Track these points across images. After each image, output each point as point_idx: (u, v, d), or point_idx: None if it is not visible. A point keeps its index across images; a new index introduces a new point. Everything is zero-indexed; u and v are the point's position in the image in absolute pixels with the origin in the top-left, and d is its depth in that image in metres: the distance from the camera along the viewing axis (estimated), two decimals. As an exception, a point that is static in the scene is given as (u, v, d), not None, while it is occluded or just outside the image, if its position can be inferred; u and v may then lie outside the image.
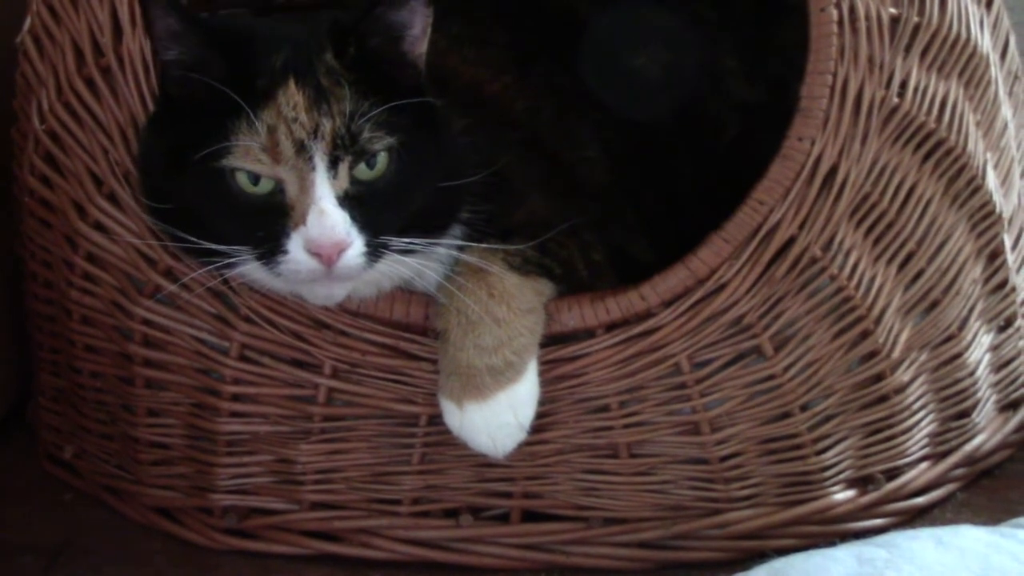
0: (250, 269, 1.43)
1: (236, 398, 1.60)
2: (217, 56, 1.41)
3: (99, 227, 1.59)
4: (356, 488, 1.61)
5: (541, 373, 1.54)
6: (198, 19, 1.42)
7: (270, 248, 1.39)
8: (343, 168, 1.39)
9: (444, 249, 1.51)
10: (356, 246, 1.39)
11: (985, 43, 1.66)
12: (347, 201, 1.39)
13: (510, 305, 1.50)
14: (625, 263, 1.64)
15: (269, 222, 1.39)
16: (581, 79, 1.75)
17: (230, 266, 1.42)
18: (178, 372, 1.61)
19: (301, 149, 1.38)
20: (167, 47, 1.42)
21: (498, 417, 1.50)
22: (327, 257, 1.38)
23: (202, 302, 1.57)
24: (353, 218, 1.39)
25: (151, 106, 1.51)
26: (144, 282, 1.58)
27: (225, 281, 1.50)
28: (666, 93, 1.77)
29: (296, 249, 1.38)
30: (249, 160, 1.39)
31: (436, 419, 1.54)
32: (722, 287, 1.54)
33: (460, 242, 1.50)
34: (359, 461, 1.60)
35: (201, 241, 1.41)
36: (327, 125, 1.39)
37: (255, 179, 1.39)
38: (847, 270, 1.57)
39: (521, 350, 1.51)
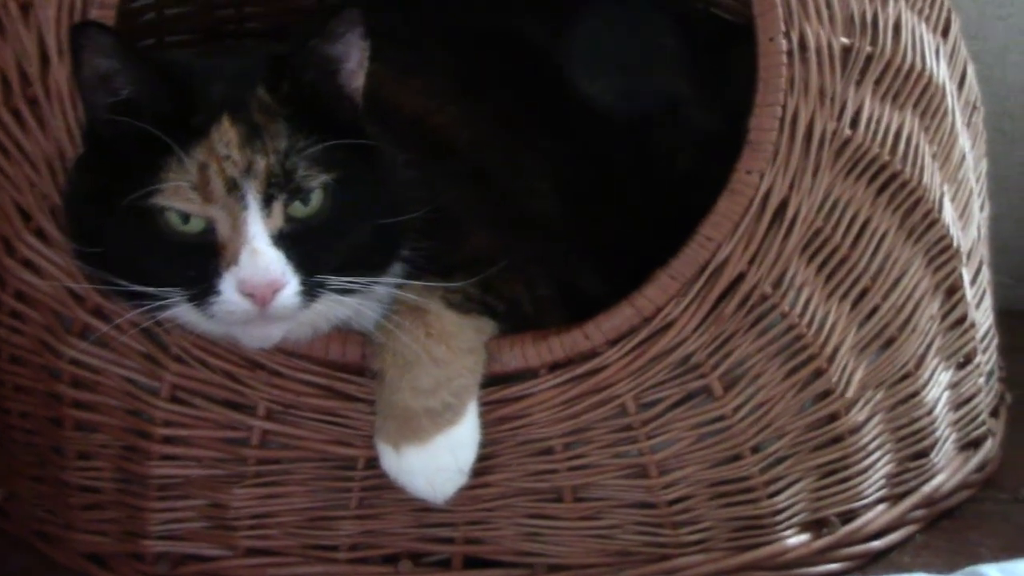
0: (182, 311, 1.38)
1: (167, 440, 1.54)
2: (150, 96, 1.36)
3: (27, 264, 1.53)
4: (292, 534, 1.55)
5: (482, 414, 1.48)
6: (135, 57, 1.36)
7: (202, 289, 1.34)
8: (277, 206, 1.35)
9: (383, 288, 1.46)
10: (291, 286, 1.34)
11: (941, 73, 1.61)
12: (282, 240, 1.35)
13: (449, 345, 1.45)
14: (576, 298, 1.59)
15: (200, 262, 1.34)
16: (532, 109, 1.70)
17: (161, 308, 1.37)
18: (108, 413, 1.55)
19: (233, 187, 1.33)
20: (96, 89, 1.37)
21: (437, 460, 1.45)
22: (261, 297, 1.33)
23: (132, 341, 1.51)
24: (288, 257, 1.34)
25: (79, 140, 1.46)
26: (72, 320, 1.53)
27: (158, 322, 1.45)
28: (621, 121, 1.72)
29: (229, 290, 1.33)
30: (179, 199, 1.34)
31: (374, 462, 1.49)
32: (669, 325, 1.49)
33: (400, 280, 1.45)
34: (295, 506, 1.54)
35: (132, 284, 1.36)
36: (261, 163, 1.34)
37: (185, 218, 1.34)
38: (799, 307, 1.52)
39: (460, 391, 1.45)
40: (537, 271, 1.58)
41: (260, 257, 1.33)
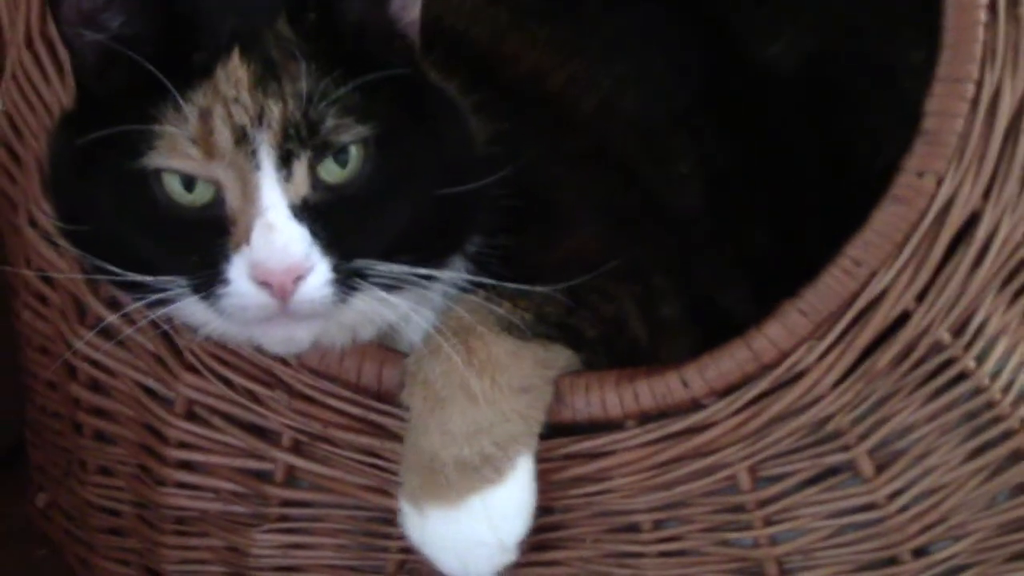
0: (187, 306, 1.08)
1: (183, 465, 1.27)
2: (144, 30, 1.07)
3: (48, 238, 1.27)
4: (318, 594, 1.25)
5: (549, 473, 1.15)
6: None
7: (208, 277, 1.04)
8: (300, 167, 1.04)
9: (442, 289, 1.13)
10: (319, 272, 1.03)
11: None
12: (307, 211, 1.04)
13: (495, 378, 1.10)
14: (716, 321, 1.22)
15: (205, 242, 1.05)
16: (683, 74, 1.33)
17: (162, 303, 1.08)
18: (124, 424, 1.29)
19: (242, 139, 1.03)
20: (78, 28, 1.08)
21: (469, 530, 1.11)
22: (280, 287, 1.02)
23: (145, 339, 1.24)
24: (315, 234, 1.03)
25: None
26: (87, 308, 1.27)
27: (170, 320, 1.17)
28: (805, 95, 1.32)
29: (239, 277, 1.03)
30: (175, 156, 1.04)
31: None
32: (798, 377, 1.11)
33: (467, 276, 1.13)
34: (323, 560, 1.24)
35: (125, 273, 1.08)
36: (276, 109, 1.03)
37: (188, 185, 1.05)
38: (990, 364, 1.11)
39: (507, 441, 1.11)
40: (663, 283, 1.22)
41: (277, 233, 1.02)
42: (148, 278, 1.06)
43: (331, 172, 1.05)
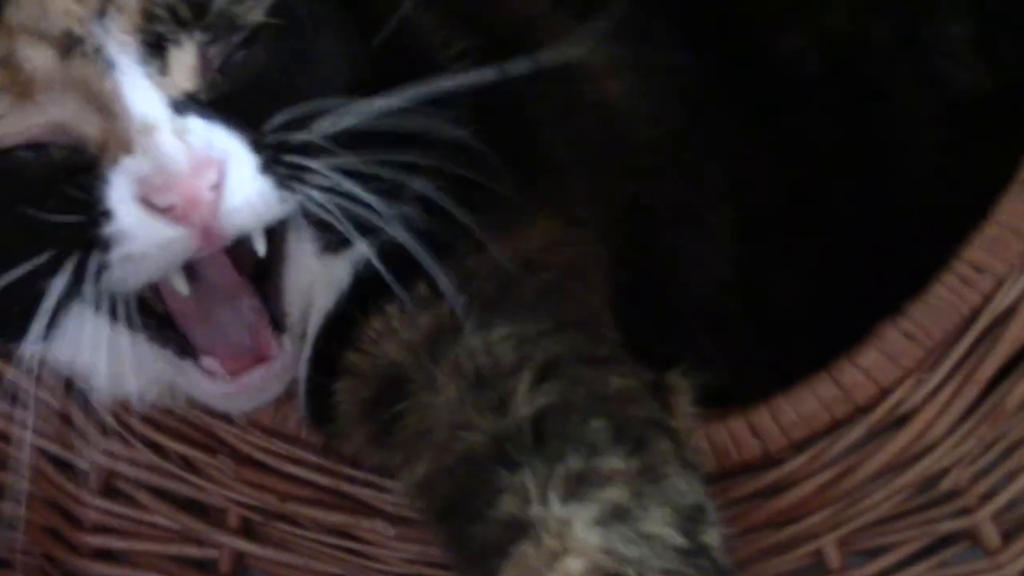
0: (77, 329, 0.80)
1: (102, 555, 1.03)
2: None
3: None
4: None
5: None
6: None
7: (83, 238, 0.76)
8: (182, 56, 0.77)
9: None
10: (240, 158, 0.76)
11: None
12: (199, 106, 0.77)
13: None
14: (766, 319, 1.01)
15: (73, 204, 0.77)
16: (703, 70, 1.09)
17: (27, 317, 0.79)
18: (27, 504, 1.03)
19: (72, 46, 0.76)
20: None
21: None
22: (189, 195, 0.74)
23: (47, 394, 0.98)
24: (217, 120, 0.77)
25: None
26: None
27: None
28: (830, 97, 1.09)
29: (124, 202, 0.75)
30: None
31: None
32: (903, 421, 0.89)
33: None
34: None
35: None
36: None
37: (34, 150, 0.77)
38: None
39: None
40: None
41: (160, 132, 0.75)
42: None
43: (234, 57, 0.78)
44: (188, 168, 0.74)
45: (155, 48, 0.77)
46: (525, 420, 0.74)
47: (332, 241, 0.83)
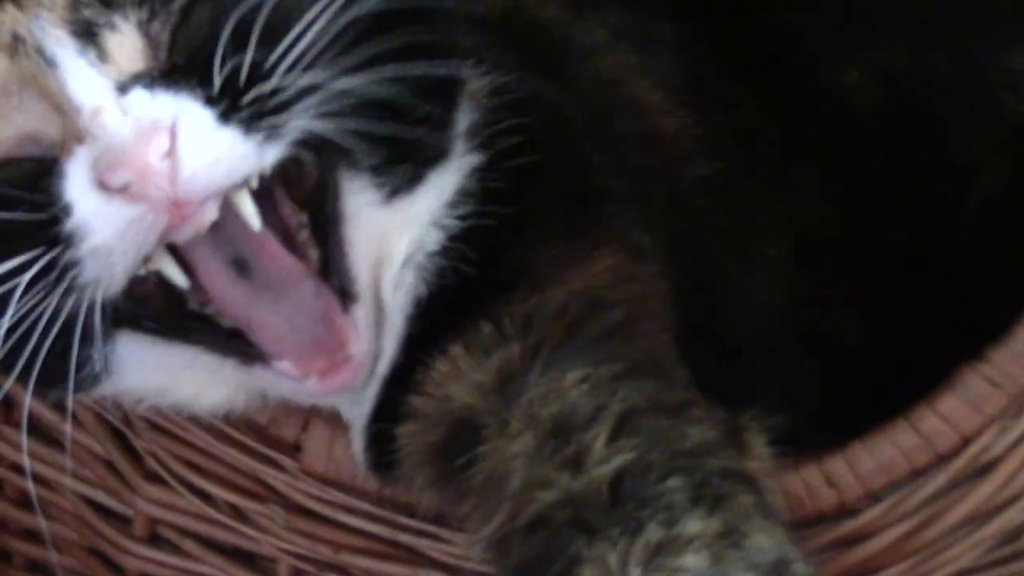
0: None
1: None
2: None
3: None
4: None
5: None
6: None
7: (47, 237, 0.73)
8: (121, 39, 0.75)
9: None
10: (191, 113, 0.73)
11: None
12: (146, 83, 0.74)
13: None
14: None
15: (35, 208, 0.74)
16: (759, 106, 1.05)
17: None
18: (68, 551, 1.00)
19: (16, 48, 0.75)
20: None
21: None
22: (139, 166, 0.71)
23: (91, 438, 0.95)
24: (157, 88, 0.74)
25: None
26: (12, 400, 0.98)
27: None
28: (889, 131, 1.05)
29: (82, 193, 0.73)
30: None
31: None
32: (987, 470, 0.85)
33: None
34: None
35: None
36: None
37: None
38: None
39: None
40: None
41: (105, 113, 0.73)
42: None
43: (180, 28, 0.75)
44: (132, 139, 0.72)
45: (88, 36, 0.75)
46: (603, 481, 0.71)
47: (393, 182, 0.80)
